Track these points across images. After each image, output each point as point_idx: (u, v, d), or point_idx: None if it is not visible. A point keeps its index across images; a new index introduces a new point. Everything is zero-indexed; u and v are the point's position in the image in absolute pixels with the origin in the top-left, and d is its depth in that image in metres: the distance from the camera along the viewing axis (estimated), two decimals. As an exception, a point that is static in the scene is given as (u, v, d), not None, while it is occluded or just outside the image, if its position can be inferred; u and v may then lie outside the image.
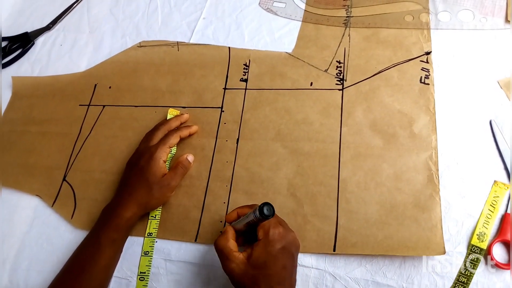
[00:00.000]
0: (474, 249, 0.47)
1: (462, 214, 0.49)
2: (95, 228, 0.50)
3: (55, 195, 0.58)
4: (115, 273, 0.52)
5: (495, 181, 0.49)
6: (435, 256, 0.47)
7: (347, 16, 0.64)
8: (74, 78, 0.67)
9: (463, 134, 0.53)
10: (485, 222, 0.48)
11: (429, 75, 0.56)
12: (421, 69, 0.56)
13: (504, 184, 0.49)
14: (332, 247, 0.48)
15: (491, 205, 0.49)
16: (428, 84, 0.55)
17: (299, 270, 0.49)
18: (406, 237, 0.47)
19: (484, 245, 0.47)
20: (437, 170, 0.50)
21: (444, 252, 0.46)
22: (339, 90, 0.57)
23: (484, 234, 0.47)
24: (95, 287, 0.47)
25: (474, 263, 0.46)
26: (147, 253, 0.52)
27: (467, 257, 0.47)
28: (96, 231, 0.49)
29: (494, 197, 0.49)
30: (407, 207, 0.49)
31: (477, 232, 0.47)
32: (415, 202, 0.49)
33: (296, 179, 0.53)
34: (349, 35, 0.62)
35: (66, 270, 0.48)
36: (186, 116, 0.58)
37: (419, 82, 0.56)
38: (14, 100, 0.68)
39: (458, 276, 0.46)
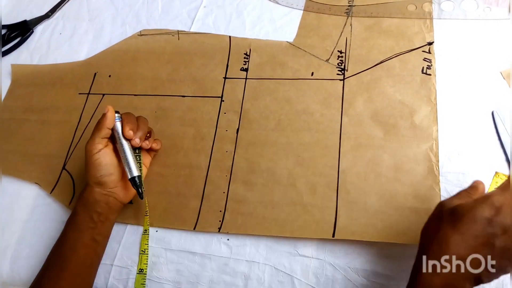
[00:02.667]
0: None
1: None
2: None
3: (54, 182, 0.58)
4: (115, 262, 0.52)
5: (496, 172, 0.49)
6: (435, 247, 0.47)
7: (349, 5, 0.63)
8: (73, 67, 0.67)
9: (464, 125, 0.52)
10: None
11: (431, 65, 0.55)
12: (423, 60, 0.56)
13: (505, 175, 0.49)
14: (331, 235, 0.48)
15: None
16: (429, 74, 0.55)
17: (299, 259, 0.49)
18: (405, 227, 0.47)
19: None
20: (438, 161, 0.50)
21: None
22: (340, 80, 0.57)
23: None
24: (68, 270, 0.47)
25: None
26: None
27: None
28: None
29: (495, 188, 0.49)
30: (407, 198, 0.49)
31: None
32: (415, 193, 0.49)
33: (296, 169, 0.52)
34: (350, 24, 0.61)
35: (45, 262, 0.49)
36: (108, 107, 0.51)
37: (420, 72, 0.55)
38: (14, 88, 0.68)
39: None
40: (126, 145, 0.50)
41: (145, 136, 0.52)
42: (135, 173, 0.49)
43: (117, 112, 0.51)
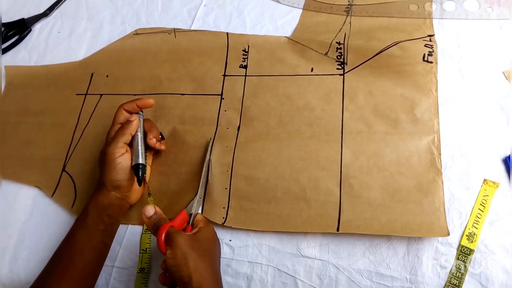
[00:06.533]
0: (471, 234, 0.47)
1: (465, 205, 0.48)
2: None
3: (55, 185, 0.57)
4: (116, 263, 0.52)
5: (484, 180, 0.49)
6: (439, 248, 0.47)
7: (349, 4, 0.63)
8: (69, 67, 0.66)
9: (467, 126, 0.52)
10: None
11: (433, 51, 0.55)
12: (424, 46, 0.55)
13: (494, 182, 0.48)
14: (336, 229, 0.48)
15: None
16: (431, 62, 0.54)
17: (302, 261, 0.48)
18: (409, 220, 0.47)
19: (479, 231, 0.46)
20: (440, 154, 0.50)
21: (448, 234, 0.45)
22: (340, 75, 0.57)
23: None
24: (74, 271, 0.46)
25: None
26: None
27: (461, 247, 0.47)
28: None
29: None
30: (410, 191, 0.48)
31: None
32: (418, 186, 0.48)
33: (298, 164, 0.52)
34: (350, 23, 0.61)
35: (49, 261, 0.48)
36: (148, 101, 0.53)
37: (422, 60, 0.55)
38: (8, 90, 0.66)
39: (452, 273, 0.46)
40: (141, 139, 0.52)
41: (158, 137, 0.55)
42: (141, 161, 0.50)
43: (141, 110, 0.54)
